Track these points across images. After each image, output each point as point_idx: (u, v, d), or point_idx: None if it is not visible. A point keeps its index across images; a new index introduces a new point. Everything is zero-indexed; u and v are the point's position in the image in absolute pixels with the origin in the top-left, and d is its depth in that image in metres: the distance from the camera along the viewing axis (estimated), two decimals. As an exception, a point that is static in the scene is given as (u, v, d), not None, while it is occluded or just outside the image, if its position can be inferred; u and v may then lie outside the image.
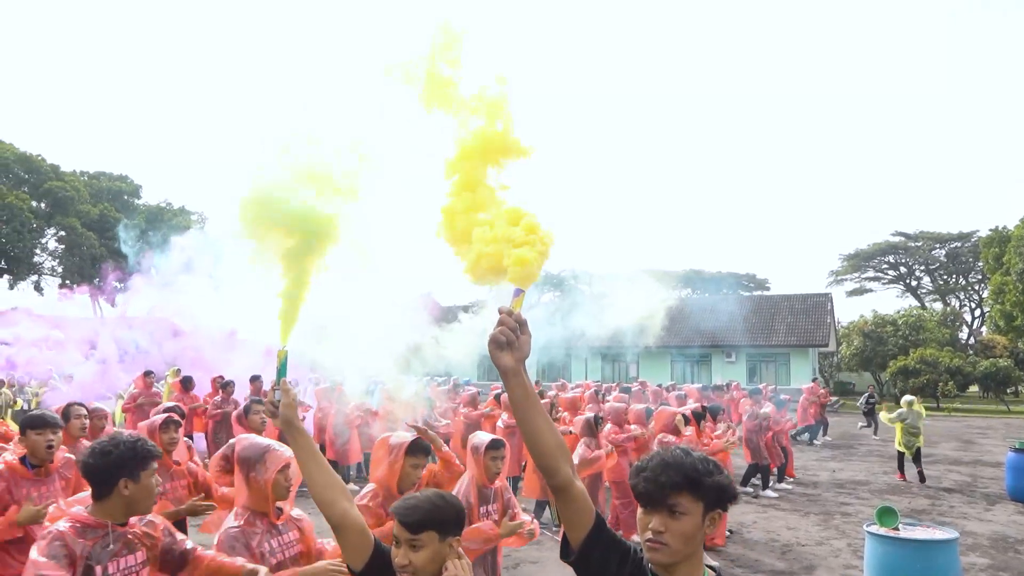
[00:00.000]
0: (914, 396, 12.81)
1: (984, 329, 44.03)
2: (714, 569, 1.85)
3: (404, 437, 3.76)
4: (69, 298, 29.93)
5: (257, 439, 3.15)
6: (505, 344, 1.72)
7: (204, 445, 10.37)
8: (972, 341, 42.46)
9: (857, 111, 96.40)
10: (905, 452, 12.08)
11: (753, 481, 11.18)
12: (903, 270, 51.86)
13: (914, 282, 51.98)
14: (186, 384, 10.91)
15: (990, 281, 37.47)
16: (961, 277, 49.74)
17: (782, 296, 35.60)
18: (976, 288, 48.49)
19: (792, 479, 12.14)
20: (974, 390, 33.57)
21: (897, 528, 6.02)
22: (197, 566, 2.86)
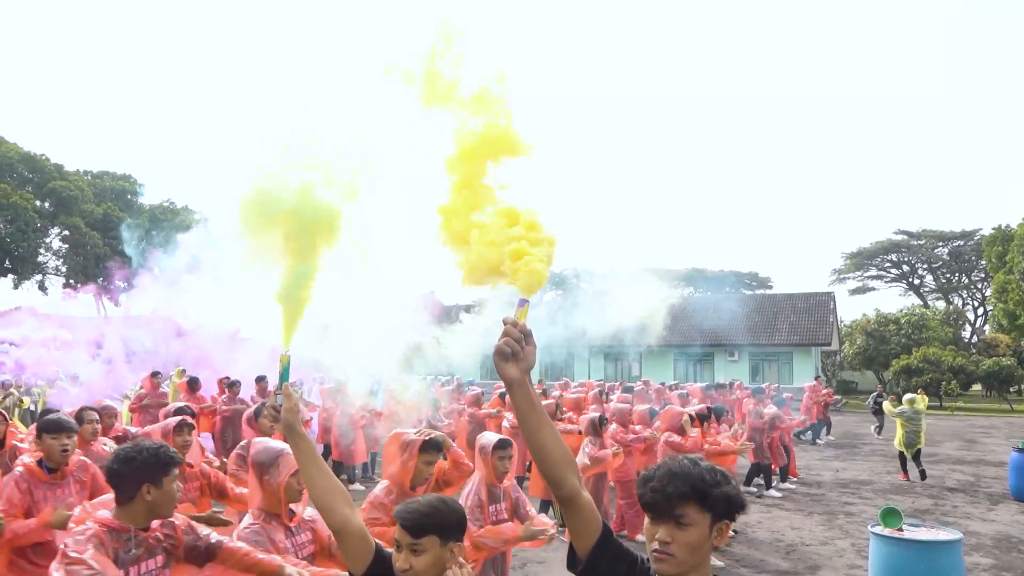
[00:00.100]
0: (915, 394, 12.82)
1: (987, 328, 44.00)
2: None
3: (409, 432, 3.82)
4: (73, 297, 30.03)
5: (271, 443, 3.20)
6: (510, 355, 1.71)
7: (211, 444, 10.42)
8: (975, 340, 42.44)
9: (860, 109, 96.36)
10: (904, 451, 12.10)
11: (756, 481, 11.21)
12: (906, 268, 51.84)
13: (917, 280, 51.96)
14: (192, 385, 10.96)
15: (993, 280, 37.44)
16: (964, 275, 49.69)
17: (785, 295, 35.62)
18: (979, 287, 48.45)
19: (795, 479, 12.17)
20: (977, 389, 33.59)
21: (901, 529, 6.05)
22: (229, 558, 2.91)
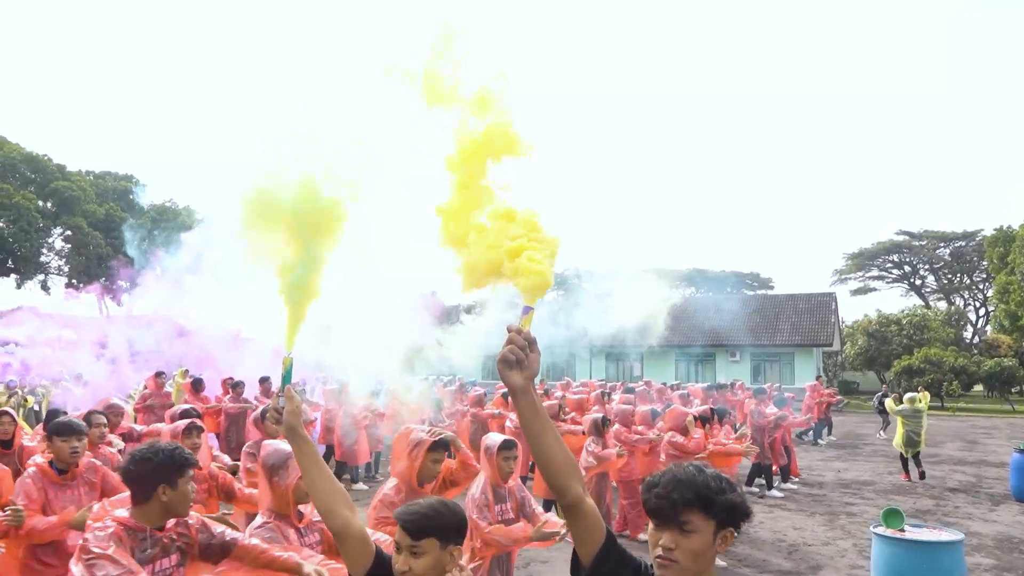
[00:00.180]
0: (916, 393, 12.83)
1: (989, 328, 44.00)
2: None
3: (420, 430, 3.88)
4: (75, 297, 30.10)
5: (282, 445, 3.24)
6: (514, 363, 1.72)
7: (215, 444, 10.46)
8: (976, 340, 42.45)
9: (861, 110, 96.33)
10: (903, 451, 12.10)
11: (758, 481, 11.24)
12: (907, 269, 51.85)
13: (918, 281, 51.97)
14: (196, 386, 11.01)
15: (995, 280, 37.46)
16: (965, 276, 49.70)
17: (786, 295, 35.69)
18: (981, 287, 48.46)
19: (797, 479, 12.20)
20: (978, 390, 33.60)
21: (903, 529, 6.09)
22: (245, 555, 2.95)
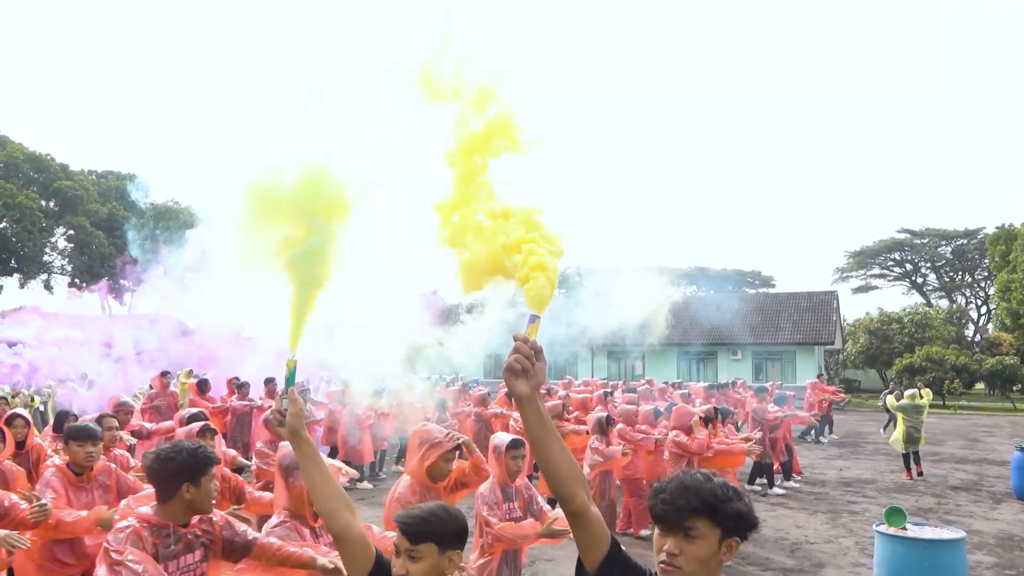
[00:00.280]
0: (917, 390, 12.85)
1: (990, 326, 44.05)
2: None
3: (437, 431, 3.96)
4: (78, 297, 30.23)
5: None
6: (520, 372, 1.72)
7: (221, 443, 10.50)
8: (978, 338, 42.46)
9: (862, 108, 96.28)
10: (903, 448, 12.12)
11: (759, 480, 11.29)
12: (909, 267, 51.85)
13: (920, 279, 51.97)
14: (202, 387, 11.09)
15: (996, 278, 37.48)
16: (967, 274, 49.69)
17: (788, 293, 35.75)
18: (982, 285, 48.45)
19: (799, 476, 12.25)
20: (980, 388, 33.62)
21: (905, 528, 6.14)
22: (263, 553, 3.02)
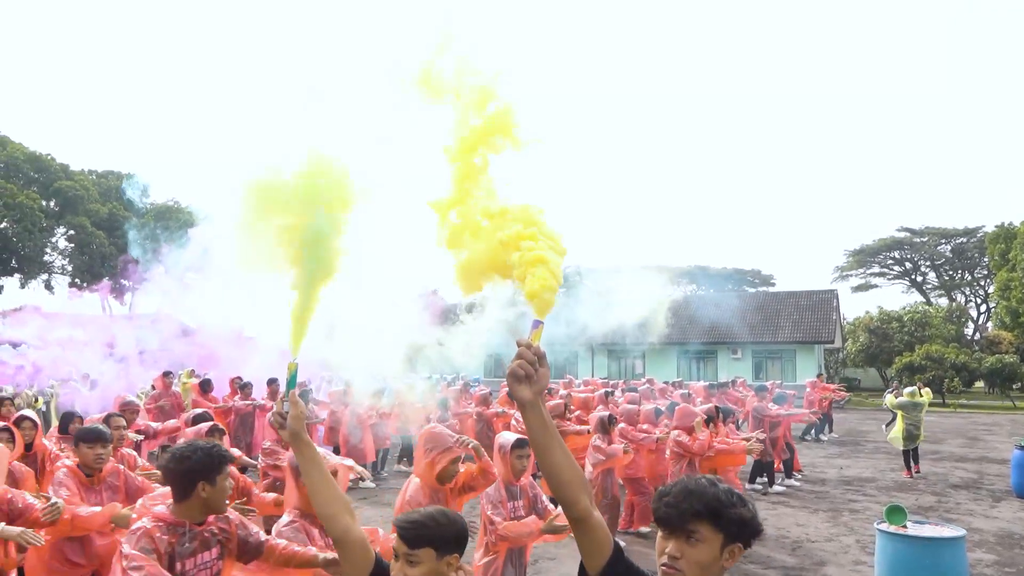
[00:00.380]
0: (916, 387, 12.89)
1: (990, 325, 44.07)
2: None
3: (447, 435, 4.00)
4: (79, 297, 30.27)
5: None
6: (524, 377, 1.72)
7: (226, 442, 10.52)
8: (978, 337, 42.51)
9: (862, 106, 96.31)
10: (902, 446, 12.15)
11: (760, 479, 11.34)
12: (908, 266, 51.90)
13: (920, 278, 52.02)
14: (204, 387, 11.13)
15: (996, 277, 37.49)
16: (967, 273, 49.74)
17: (788, 292, 35.82)
18: (982, 284, 48.50)
19: (799, 474, 12.29)
20: (980, 386, 33.65)
21: (906, 526, 6.18)
22: (270, 554, 3.08)
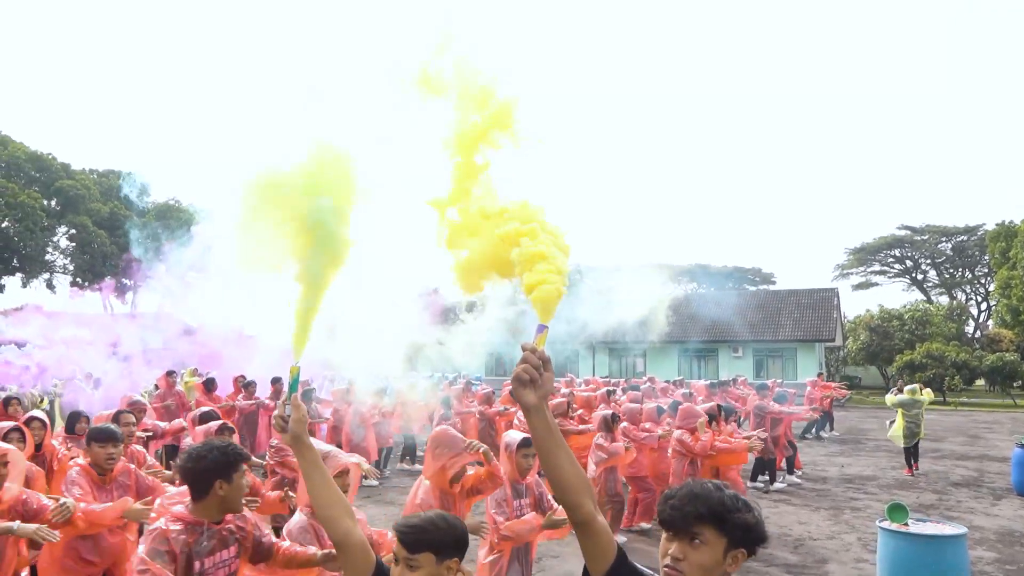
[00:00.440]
0: (916, 385, 12.92)
1: (990, 323, 44.06)
2: None
3: (457, 439, 4.06)
4: (81, 296, 30.30)
5: (318, 444, 3.38)
6: (528, 382, 1.73)
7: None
8: (978, 335, 42.52)
9: (862, 105, 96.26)
10: (903, 443, 12.16)
11: (761, 477, 11.38)
12: (909, 264, 51.89)
13: (920, 276, 52.01)
14: (208, 385, 11.16)
15: (996, 275, 37.50)
16: (967, 271, 49.74)
17: (788, 291, 35.88)
18: (982, 282, 48.49)
19: (800, 471, 12.33)
20: (980, 384, 33.68)
21: (907, 524, 6.22)
22: (277, 557, 3.13)
